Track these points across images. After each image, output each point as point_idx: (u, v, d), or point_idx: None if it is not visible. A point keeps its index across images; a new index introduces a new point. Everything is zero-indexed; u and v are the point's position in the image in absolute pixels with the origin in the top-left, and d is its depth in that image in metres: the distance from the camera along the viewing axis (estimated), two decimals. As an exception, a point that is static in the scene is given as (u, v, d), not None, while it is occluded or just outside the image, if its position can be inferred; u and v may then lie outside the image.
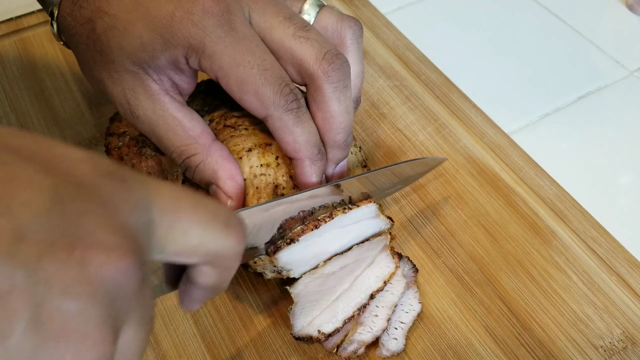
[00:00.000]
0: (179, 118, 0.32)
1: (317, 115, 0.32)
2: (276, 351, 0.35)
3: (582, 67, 0.53)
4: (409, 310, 0.35)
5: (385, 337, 0.34)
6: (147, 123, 0.32)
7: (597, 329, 0.36)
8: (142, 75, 0.31)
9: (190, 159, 0.33)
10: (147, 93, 0.31)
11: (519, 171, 0.44)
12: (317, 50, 0.31)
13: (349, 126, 0.33)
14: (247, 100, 0.31)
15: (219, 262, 0.22)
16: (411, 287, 0.36)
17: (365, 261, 0.35)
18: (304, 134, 0.32)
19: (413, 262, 0.37)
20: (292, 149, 0.32)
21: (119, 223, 0.18)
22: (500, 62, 0.53)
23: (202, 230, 0.21)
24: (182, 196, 0.21)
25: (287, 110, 0.31)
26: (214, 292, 0.24)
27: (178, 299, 0.25)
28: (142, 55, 0.30)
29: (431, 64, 0.52)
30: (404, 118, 0.48)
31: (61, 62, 0.51)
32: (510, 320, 0.36)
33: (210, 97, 0.40)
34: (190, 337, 0.35)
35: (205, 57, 0.30)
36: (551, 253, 0.39)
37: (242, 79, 0.30)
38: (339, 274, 0.34)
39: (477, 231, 0.40)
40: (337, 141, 0.33)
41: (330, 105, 0.32)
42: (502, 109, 0.48)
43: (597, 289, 0.38)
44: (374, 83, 0.50)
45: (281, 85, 0.30)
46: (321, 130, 0.33)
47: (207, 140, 0.33)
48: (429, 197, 0.42)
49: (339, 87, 0.32)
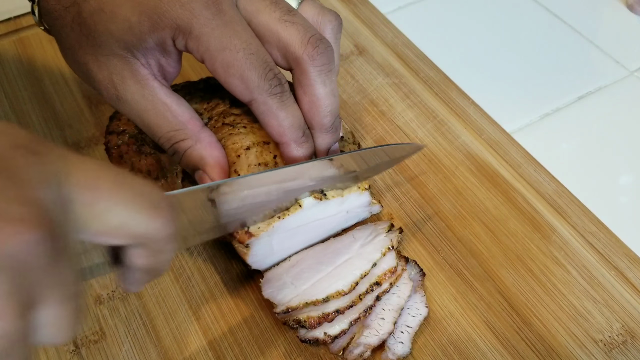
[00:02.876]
0: (168, 103, 0.32)
1: (303, 99, 0.33)
2: (278, 347, 0.35)
3: (582, 67, 0.53)
4: (416, 314, 0.35)
5: (391, 341, 0.34)
6: (134, 108, 0.32)
7: (597, 323, 0.36)
8: (131, 59, 0.31)
9: (179, 144, 0.33)
10: (135, 78, 0.31)
11: (518, 167, 0.44)
12: (303, 34, 0.31)
13: (336, 109, 0.33)
14: (232, 83, 0.31)
15: (149, 244, 0.22)
16: (418, 291, 0.36)
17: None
18: (288, 118, 0.32)
19: (420, 266, 0.37)
20: (277, 132, 0.32)
21: (28, 196, 0.18)
22: (500, 63, 0.53)
23: (123, 210, 0.20)
24: (103, 173, 0.20)
25: (272, 95, 0.31)
26: (151, 274, 0.24)
27: (119, 280, 0.24)
28: (130, 38, 0.30)
29: (430, 62, 0.52)
30: (403, 115, 0.48)
31: (60, 62, 0.50)
32: (510, 315, 0.36)
33: (209, 95, 0.40)
34: (192, 334, 0.35)
35: (192, 39, 0.30)
36: (550, 248, 0.39)
37: (228, 62, 0.30)
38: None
39: (476, 227, 0.40)
40: (325, 124, 0.33)
41: (316, 88, 0.32)
42: (502, 108, 0.48)
43: (597, 284, 0.38)
44: (373, 81, 0.50)
45: (265, 70, 0.31)
46: (308, 114, 0.33)
47: (196, 127, 0.33)
48: (429, 194, 0.42)
49: (324, 70, 0.32)
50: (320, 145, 0.34)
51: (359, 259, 0.35)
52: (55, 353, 0.35)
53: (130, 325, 0.36)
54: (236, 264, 0.39)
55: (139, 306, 0.37)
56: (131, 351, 0.35)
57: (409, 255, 0.39)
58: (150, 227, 0.21)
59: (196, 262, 0.39)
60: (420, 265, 0.37)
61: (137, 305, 0.37)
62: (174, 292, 0.37)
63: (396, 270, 0.35)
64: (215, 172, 0.33)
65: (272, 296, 0.34)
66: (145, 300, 0.37)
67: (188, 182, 0.39)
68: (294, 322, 0.33)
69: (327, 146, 0.35)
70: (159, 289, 0.38)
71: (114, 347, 0.35)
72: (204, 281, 0.38)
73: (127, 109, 0.32)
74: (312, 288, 0.34)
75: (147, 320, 0.36)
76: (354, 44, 0.54)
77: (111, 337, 0.35)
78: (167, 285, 0.38)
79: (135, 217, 0.21)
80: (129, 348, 0.35)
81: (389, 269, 0.34)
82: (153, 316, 0.36)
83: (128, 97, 0.32)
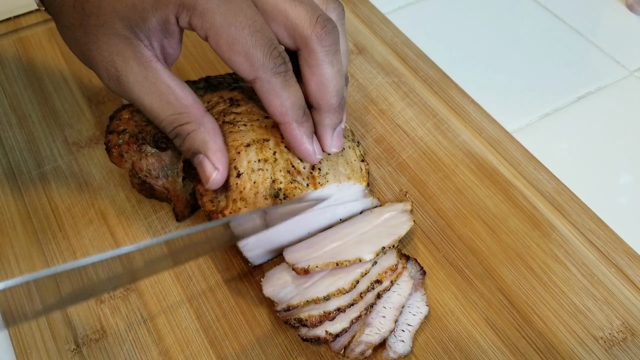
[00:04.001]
0: (171, 86, 0.32)
1: (310, 79, 0.33)
2: (279, 345, 0.35)
3: (582, 67, 0.53)
4: (417, 312, 0.35)
5: (392, 339, 0.34)
6: (136, 90, 0.31)
7: (597, 320, 0.36)
8: (134, 40, 0.31)
9: (182, 126, 0.32)
10: (138, 59, 0.31)
11: (518, 165, 0.44)
12: (311, 14, 0.31)
13: (342, 89, 0.34)
14: (236, 61, 0.31)
15: None
16: (419, 290, 0.36)
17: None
18: (290, 97, 0.32)
19: (421, 265, 0.37)
20: (279, 112, 0.32)
21: None
22: (500, 63, 0.53)
23: None
24: None
25: (276, 73, 0.31)
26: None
27: None
28: (133, 17, 0.30)
29: (429, 60, 0.52)
30: (403, 114, 0.47)
31: (60, 61, 0.51)
32: (510, 312, 0.36)
33: (209, 94, 0.40)
34: (194, 333, 0.35)
35: (197, 15, 0.30)
36: (550, 246, 0.39)
37: (233, 39, 0.30)
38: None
39: (476, 225, 0.40)
40: (333, 104, 0.33)
41: (324, 68, 0.32)
42: (502, 108, 0.48)
43: (597, 281, 0.38)
44: (373, 79, 0.50)
45: (270, 48, 0.31)
46: (316, 94, 0.33)
47: (199, 111, 0.33)
48: (429, 192, 0.42)
49: (331, 50, 0.32)
50: (327, 125, 0.34)
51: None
52: (56, 352, 0.35)
53: (131, 324, 0.36)
54: (237, 263, 0.39)
55: (140, 305, 0.37)
56: (132, 350, 0.35)
57: (409, 253, 0.39)
58: None
59: (196, 261, 0.39)
60: (420, 264, 0.37)
61: (138, 304, 0.37)
62: (175, 291, 0.37)
63: (396, 268, 0.35)
64: (217, 157, 0.33)
65: (272, 294, 0.34)
66: (146, 299, 0.37)
67: (189, 181, 0.39)
68: (295, 320, 0.33)
69: (334, 126, 0.34)
70: (160, 288, 0.38)
71: (115, 346, 0.35)
72: (205, 280, 0.38)
73: (129, 91, 0.32)
74: (313, 286, 0.34)
75: (148, 319, 0.36)
76: (353, 43, 0.54)
77: (112, 335, 0.35)
78: (168, 284, 0.38)
79: None
80: (130, 347, 0.35)
81: (389, 267, 0.34)
82: (154, 315, 0.36)
83: (130, 78, 0.31)
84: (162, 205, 0.42)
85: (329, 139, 0.34)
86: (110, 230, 0.40)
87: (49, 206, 0.42)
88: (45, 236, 0.40)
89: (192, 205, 0.40)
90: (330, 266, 0.33)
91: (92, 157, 0.44)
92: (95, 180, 0.43)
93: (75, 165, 0.44)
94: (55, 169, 0.44)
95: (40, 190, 0.42)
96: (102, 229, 0.40)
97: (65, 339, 0.35)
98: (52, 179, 0.43)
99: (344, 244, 0.35)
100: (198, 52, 0.52)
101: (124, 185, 0.43)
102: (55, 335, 0.35)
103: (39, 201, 0.42)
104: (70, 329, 0.35)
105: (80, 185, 0.43)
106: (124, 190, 0.42)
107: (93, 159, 0.44)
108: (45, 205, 0.42)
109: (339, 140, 0.35)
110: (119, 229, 0.40)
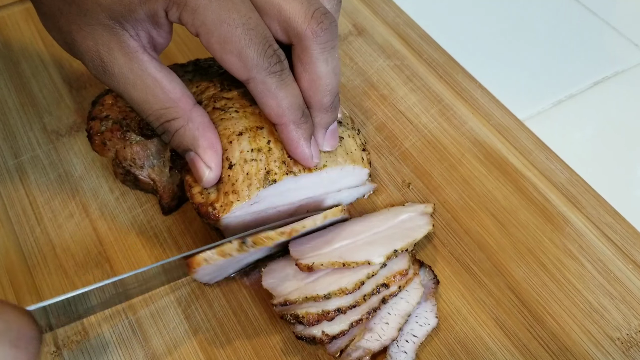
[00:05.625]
0: (158, 79, 0.31)
1: (303, 77, 0.32)
2: (273, 347, 0.34)
3: (598, 51, 0.51)
4: (424, 323, 0.34)
5: (394, 349, 0.33)
6: (122, 82, 0.31)
7: (614, 320, 0.35)
8: (118, 30, 0.30)
9: (170, 122, 0.32)
10: (123, 50, 0.30)
11: (529, 155, 0.43)
12: (306, 7, 0.31)
13: (336, 88, 0.33)
14: (228, 60, 0.30)
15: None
16: (429, 300, 0.35)
17: None
18: (287, 97, 0.31)
19: (435, 273, 0.36)
20: (275, 113, 0.32)
21: None
22: (510, 45, 0.52)
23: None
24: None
25: (271, 73, 0.30)
26: None
27: None
28: (119, 8, 0.30)
29: (434, 42, 0.51)
30: (406, 99, 0.46)
31: (38, 44, 0.49)
32: (521, 312, 0.35)
33: (198, 78, 0.39)
34: (182, 334, 0.34)
35: (188, 11, 0.29)
36: (564, 240, 0.38)
37: (226, 37, 0.29)
38: None
39: (484, 218, 0.39)
40: (325, 104, 0.33)
41: (318, 66, 0.31)
42: (512, 95, 0.47)
43: (613, 278, 0.37)
44: (373, 63, 0.49)
45: (265, 46, 0.30)
46: (307, 92, 0.32)
47: (188, 105, 0.32)
48: (433, 183, 0.41)
49: (327, 47, 0.31)
50: (319, 124, 0.33)
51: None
52: None
53: (116, 324, 0.35)
54: (228, 259, 0.37)
55: (124, 304, 0.35)
56: (116, 352, 0.34)
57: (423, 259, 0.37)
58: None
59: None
60: (435, 272, 0.36)
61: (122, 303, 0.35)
62: (162, 290, 0.36)
63: (407, 273, 0.34)
64: (208, 155, 0.32)
65: (272, 287, 0.33)
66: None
67: (176, 171, 0.38)
68: (291, 316, 0.32)
69: (326, 125, 0.34)
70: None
71: (97, 348, 0.34)
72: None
73: (114, 83, 0.31)
74: (314, 282, 0.33)
75: (133, 319, 0.35)
76: (352, 23, 0.52)
77: (95, 337, 0.34)
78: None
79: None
80: (114, 348, 0.34)
81: (399, 271, 0.33)
82: (140, 315, 0.35)
83: (115, 70, 0.30)
84: (147, 197, 0.41)
85: (320, 138, 0.34)
86: (93, 225, 0.39)
87: (27, 199, 0.40)
88: (23, 231, 0.39)
89: (179, 197, 0.39)
90: (337, 266, 0.33)
91: (73, 146, 0.43)
92: (76, 170, 0.42)
93: (55, 155, 0.43)
94: (33, 159, 0.42)
95: (17, 181, 0.41)
96: (83, 222, 0.39)
97: (45, 342, 0.34)
98: (30, 170, 0.42)
99: (353, 242, 0.34)
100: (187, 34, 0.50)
101: (107, 175, 0.42)
102: (34, 337, 0.34)
103: (15, 193, 0.41)
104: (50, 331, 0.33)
105: (60, 176, 0.42)
106: (107, 181, 0.41)
107: (74, 147, 0.43)
108: (22, 197, 0.40)
109: (333, 140, 0.35)
110: (101, 222, 0.39)
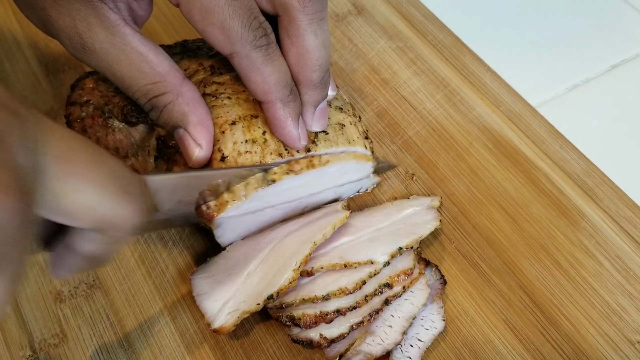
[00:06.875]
0: (143, 53, 0.30)
1: (290, 50, 0.31)
2: (266, 351, 0.33)
3: (617, 31, 0.50)
4: (430, 327, 0.33)
5: (397, 354, 0.31)
6: (104, 59, 0.30)
7: (633, 321, 0.34)
8: (96, 3, 0.29)
9: (157, 98, 0.31)
10: (103, 24, 0.29)
11: (542, 143, 0.42)
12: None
13: (326, 63, 0.32)
14: (210, 33, 0.29)
15: (109, 231, 0.22)
16: (436, 301, 0.34)
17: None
18: (273, 73, 0.30)
19: (442, 273, 0.35)
20: (261, 90, 0.31)
21: (10, 160, 0.18)
22: (521, 25, 0.50)
23: (95, 190, 0.20)
24: (80, 147, 0.20)
25: (256, 47, 0.29)
26: (92, 263, 0.24)
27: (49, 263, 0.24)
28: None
29: (439, 22, 0.49)
30: (409, 84, 0.45)
31: (13, 24, 0.48)
32: (533, 313, 0.34)
33: (186, 61, 0.37)
34: (168, 336, 0.33)
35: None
36: (579, 236, 0.37)
37: (208, 8, 0.28)
38: None
39: (494, 212, 0.38)
40: (314, 80, 0.32)
41: (306, 39, 0.30)
42: (524, 79, 0.46)
43: (632, 277, 0.36)
44: (374, 44, 0.47)
45: (250, 18, 0.29)
46: (295, 68, 0.31)
47: (177, 79, 0.31)
48: (439, 174, 0.40)
49: (315, 18, 0.30)
50: (307, 102, 0.32)
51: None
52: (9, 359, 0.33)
53: (96, 326, 0.34)
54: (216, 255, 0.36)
55: (105, 304, 0.35)
56: (97, 356, 0.33)
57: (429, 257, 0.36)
58: (117, 213, 0.21)
59: (171, 254, 0.36)
60: (442, 272, 0.35)
61: (103, 303, 0.35)
62: (146, 289, 0.35)
63: (412, 272, 0.33)
64: (199, 131, 0.31)
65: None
66: (113, 297, 0.35)
67: (162, 160, 0.36)
68: (287, 318, 0.31)
69: (315, 104, 0.33)
70: (129, 285, 0.35)
71: (77, 352, 0.33)
72: (180, 275, 0.36)
73: (96, 60, 0.30)
74: (311, 282, 0.32)
75: (115, 321, 0.34)
76: (351, 2, 0.51)
77: (74, 340, 0.33)
78: (137, 281, 0.36)
79: (105, 200, 0.21)
80: (95, 352, 0.33)
81: (404, 270, 0.32)
82: (122, 316, 0.34)
83: (96, 46, 0.30)
84: (131, 188, 0.38)
85: (309, 118, 0.33)
86: (72, 218, 0.37)
87: (1, 190, 0.38)
88: None
89: (165, 189, 0.37)
90: (338, 267, 0.32)
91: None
92: (55, 159, 0.40)
93: (32, 143, 0.40)
94: (8, 147, 0.40)
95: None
96: (62, 216, 0.37)
97: (19, 345, 0.33)
98: (5, 159, 0.40)
99: (355, 240, 0.33)
100: (172, 12, 0.50)
101: (87, 165, 0.39)
102: (8, 341, 0.34)
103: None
104: (25, 333, 0.34)
105: (37, 165, 0.39)
106: (88, 171, 0.39)
107: (52, 135, 0.41)
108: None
109: (323, 119, 0.34)
110: (81, 216, 0.37)
